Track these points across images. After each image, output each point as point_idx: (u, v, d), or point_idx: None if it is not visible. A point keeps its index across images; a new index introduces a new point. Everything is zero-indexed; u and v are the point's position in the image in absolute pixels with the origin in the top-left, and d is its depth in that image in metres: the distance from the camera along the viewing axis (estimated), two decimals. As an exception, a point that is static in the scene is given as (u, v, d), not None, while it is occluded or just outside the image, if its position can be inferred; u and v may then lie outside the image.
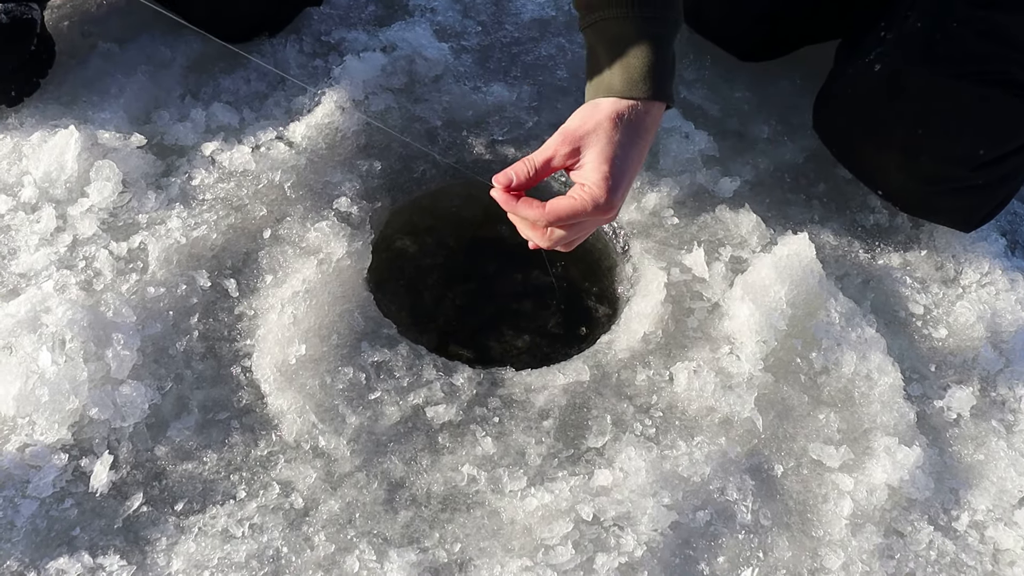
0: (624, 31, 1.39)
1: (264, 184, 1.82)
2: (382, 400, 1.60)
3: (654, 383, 1.65)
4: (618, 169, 1.35)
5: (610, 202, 1.35)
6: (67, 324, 1.53)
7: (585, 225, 1.41)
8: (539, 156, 1.38)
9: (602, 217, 1.38)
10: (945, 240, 1.90)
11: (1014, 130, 1.70)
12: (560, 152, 1.37)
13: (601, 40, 1.41)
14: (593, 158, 1.36)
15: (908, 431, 1.62)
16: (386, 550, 1.45)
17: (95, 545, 1.42)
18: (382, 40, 2.12)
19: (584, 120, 1.38)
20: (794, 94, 2.13)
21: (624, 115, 1.37)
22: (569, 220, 1.36)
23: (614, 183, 1.35)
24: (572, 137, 1.37)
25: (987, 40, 1.64)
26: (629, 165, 1.37)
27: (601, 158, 1.35)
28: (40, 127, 1.85)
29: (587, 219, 1.37)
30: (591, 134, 1.36)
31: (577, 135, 1.37)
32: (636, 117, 1.38)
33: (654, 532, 1.48)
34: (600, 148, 1.36)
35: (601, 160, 1.35)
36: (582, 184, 1.36)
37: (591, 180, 1.35)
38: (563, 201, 1.35)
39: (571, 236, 1.42)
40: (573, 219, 1.36)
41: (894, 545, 1.53)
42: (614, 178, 1.35)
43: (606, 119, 1.36)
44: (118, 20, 2.11)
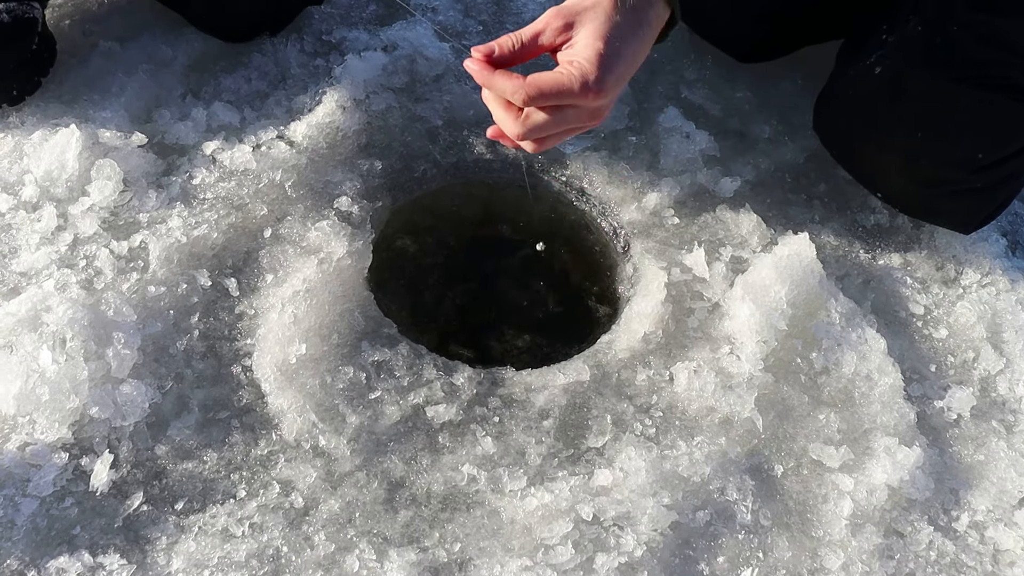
0: None
1: (265, 183, 1.82)
2: (382, 399, 1.60)
3: (654, 383, 1.65)
4: (613, 50, 1.23)
5: (600, 82, 1.22)
6: (68, 323, 1.53)
7: (567, 115, 1.27)
8: (527, 30, 1.27)
9: (588, 103, 1.24)
10: (946, 240, 1.90)
11: (1014, 133, 1.70)
12: (552, 26, 1.26)
13: None
14: (587, 35, 1.24)
15: (908, 431, 1.62)
16: (386, 549, 1.45)
17: (95, 544, 1.42)
18: (383, 39, 2.12)
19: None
20: (795, 94, 2.13)
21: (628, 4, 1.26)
22: (552, 97, 1.23)
23: (606, 62, 1.22)
24: (567, 11, 1.26)
25: (988, 44, 1.64)
26: (625, 50, 1.25)
27: (596, 35, 1.24)
28: (41, 126, 1.85)
29: (572, 102, 1.24)
30: (588, 11, 1.25)
31: (573, 10, 1.26)
32: (639, 7, 1.27)
33: (654, 532, 1.48)
34: (596, 25, 1.24)
35: (595, 37, 1.23)
36: (569, 61, 1.24)
37: (582, 56, 1.23)
38: (548, 74, 1.22)
39: (549, 126, 1.27)
40: (556, 97, 1.23)
41: (894, 545, 1.53)
42: (607, 58, 1.23)
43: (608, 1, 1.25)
44: (119, 19, 2.11)
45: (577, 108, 1.26)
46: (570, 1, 1.28)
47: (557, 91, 1.22)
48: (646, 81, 2.11)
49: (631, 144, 1.98)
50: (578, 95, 1.22)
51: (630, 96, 2.06)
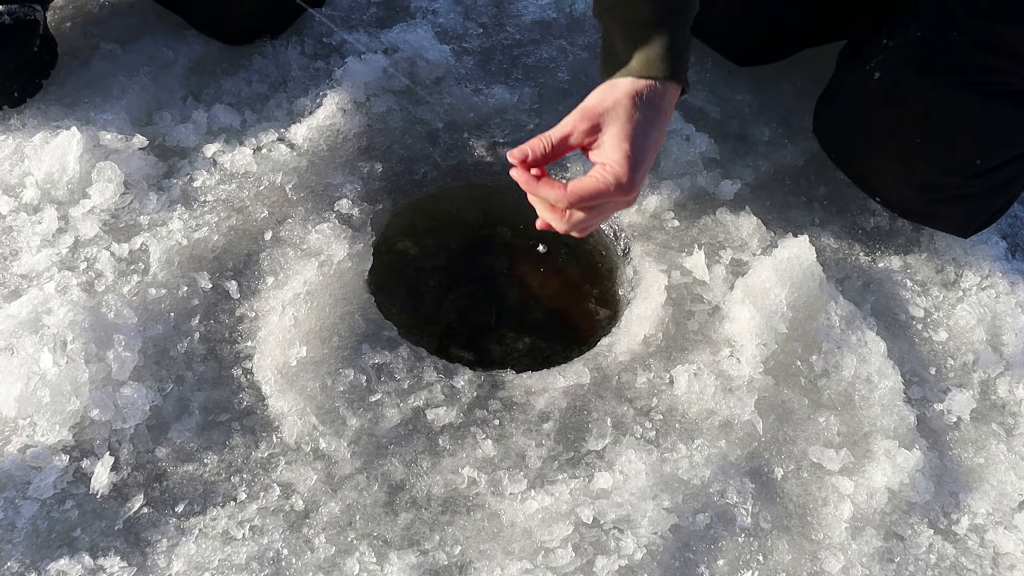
0: (640, 13, 1.39)
1: (265, 186, 1.82)
2: (383, 402, 1.60)
3: (654, 386, 1.65)
4: (639, 148, 1.34)
5: (632, 181, 1.33)
6: (68, 325, 1.53)
7: (605, 208, 1.39)
8: (556, 132, 1.37)
9: (623, 198, 1.36)
10: (945, 243, 1.90)
11: (1013, 139, 1.71)
12: (579, 129, 1.36)
13: (617, 24, 1.41)
14: (613, 136, 1.34)
15: (908, 434, 1.62)
16: (386, 552, 1.45)
17: (96, 546, 1.42)
18: (383, 42, 2.12)
19: (603, 98, 1.36)
20: (795, 97, 2.13)
21: (643, 94, 1.36)
22: (592, 200, 1.34)
23: (635, 162, 1.33)
24: (591, 114, 1.36)
25: (987, 51, 1.65)
26: (649, 144, 1.36)
27: (621, 136, 1.34)
28: (42, 128, 1.85)
29: (608, 200, 1.35)
30: (610, 112, 1.35)
31: (596, 112, 1.35)
32: (654, 97, 1.37)
33: (654, 535, 1.48)
34: (620, 126, 1.34)
35: (621, 138, 1.34)
36: (603, 163, 1.34)
37: (612, 159, 1.33)
38: (586, 181, 1.33)
39: (590, 219, 1.39)
40: (596, 199, 1.34)
41: (894, 548, 1.53)
42: (635, 157, 1.33)
43: (625, 97, 1.35)
44: (120, 21, 2.11)
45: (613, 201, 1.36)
46: (591, 102, 1.36)
47: (595, 195, 1.33)
48: (646, 84, 2.11)
49: (631, 147, 1.98)
50: (613, 195, 1.33)
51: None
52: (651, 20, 1.39)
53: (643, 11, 1.39)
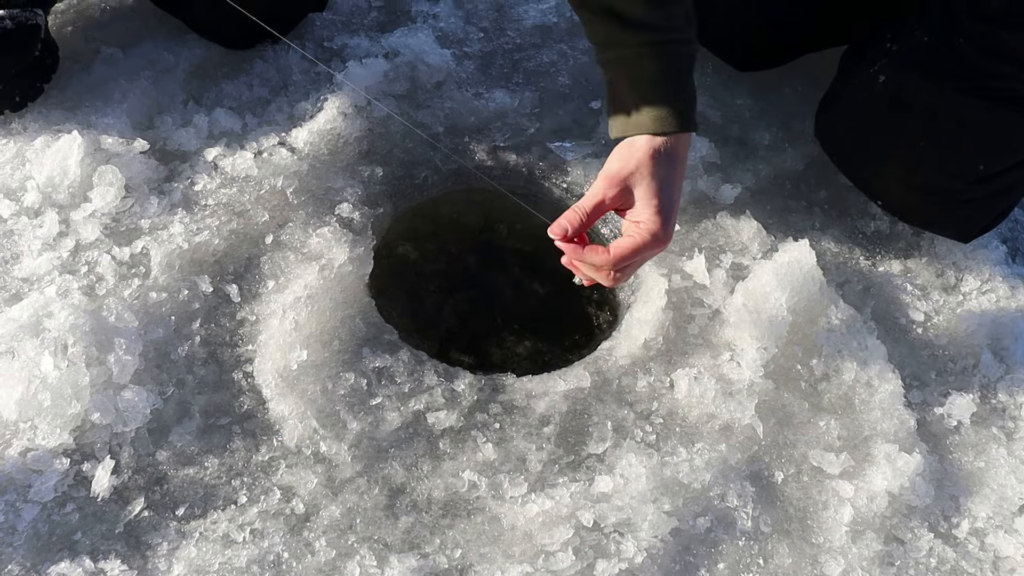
0: (647, 69, 1.45)
1: (266, 190, 1.82)
2: (383, 406, 1.60)
3: (655, 389, 1.65)
4: (666, 201, 1.44)
5: (666, 232, 1.43)
6: (69, 329, 1.53)
7: (644, 258, 1.48)
8: (588, 202, 1.45)
9: (659, 248, 1.45)
10: (946, 247, 1.90)
11: (1014, 145, 1.71)
12: (609, 195, 1.44)
13: (622, 77, 1.48)
14: (642, 196, 1.43)
15: (908, 438, 1.62)
16: (387, 555, 1.45)
17: (96, 550, 1.42)
18: (384, 46, 2.12)
19: (625, 161, 1.44)
20: (795, 101, 2.13)
21: (660, 150, 1.44)
22: (633, 258, 1.44)
23: (665, 215, 1.43)
24: (617, 179, 1.44)
25: (992, 57, 1.65)
26: (674, 195, 1.46)
27: (650, 194, 1.43)
28: (43, 132, 1.85)
29: (649, 252, 1.45)
30: (634, 174, 1.43)
31: (621, 176, 1.44)
32: (671, 150, 1.45)
33: (654, 538, 1.48)
34: (647, 185, 1.43)
35: (650, 196, 1.43)
36: (636, 222, 1.44)
37: (645, 216, 1.43)
38: (625, 242, 1.43)
39: (632, 270, 1.50)
40: (637, 256, 1.44)
41: (894, 552, 1.53)
42: (665, 210, 1.43)
43: (646, 157, 1.43)
44: (121, 25, 2.11)
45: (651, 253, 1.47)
46: (614, 167, 1.45)
47: (635, 252, 1.43)
48: (647, 88, 2.11)
49: (632, 151, 1.98)
50: (651, 248, 1.44)
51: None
52: (657, 78, 1.45)
53: (649, 70, 1.45)
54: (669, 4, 1.45)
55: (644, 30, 1.44)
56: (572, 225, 1.44)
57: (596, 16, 1.48)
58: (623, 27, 1.44)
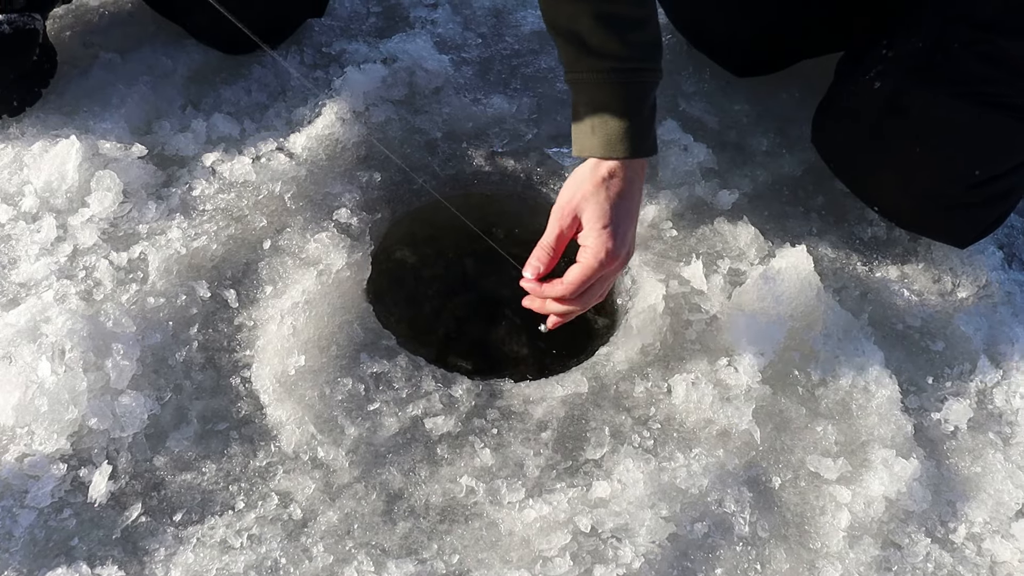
0: (601, 95, 1.51)
1: (264, 195, 1.82)
2: (381, 411, 1.60)
3: (652, 395, 1.66)
4: (614, 222, 1.49)
5: (613, 253, 1.48)
6: (67, 334, 1.53)
7: (605, 277, 1.52)
8: (549, 236, 1.52)
9: (613, 265, 1.50)
10: (942, 253, 1.91)
11: (1011, 151, 1.71)
12: (564, 225, 1.51)
13: (581, 100, 1.54)
14: (588, 220, 1.49)
15: (905, 443, 1.62)
16: (384, 561, 1.45)
17: (93, 555, 1.42)
18: (383, 52, 2.13)
19: (573, 191, 1.51)
20: (793, 107, 2.14)
21: (607, 175, 1.50)
22: (586, 282, 1.49)
23: (613, 233, 1.48)
24: (567, 209, 1.51)
25: (988, 63, 1.66)
26: (624, 216, 1.51)
27: (595, 217, 1.49)
28: (41, 137, 1.86)
29: (601, 273, 1.49)
30: (583, 201, 1.50)
31: (572, 206, 1.50)
32: (619, 173, 1.51)
33: (652, 544, 1.48)
34: (591, 210, 1.49)
35: (596, 219, 1.49)
36: (585, 247, 1.50)
37: (590, 240, 1.49)
38: (575, 271, 1.49)
39: (595, 292, 1.54)
40: (588, 280, 1.49)
41: (891, 557, 1.53)
42: (612, 230, 1.48)
43: (591, 184, 1.50)
44: (120, 30, 2.12)
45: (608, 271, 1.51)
46: (564, 198, 1.52)
47: (586, 278, 1.49)
48: (644, 94, 2.12)
49: (629, 156, 1.98)
50: (602, 268, 1.49)
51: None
52: (612, 105, 1.50)
53: (604, 96, 1.50)
54: (631, 32, 1.50)
55: (603, 58, 1.49)
56: (542, 263, 1.52)
57: (561, 39, 1.54)
58: (585, 53, 1.50)
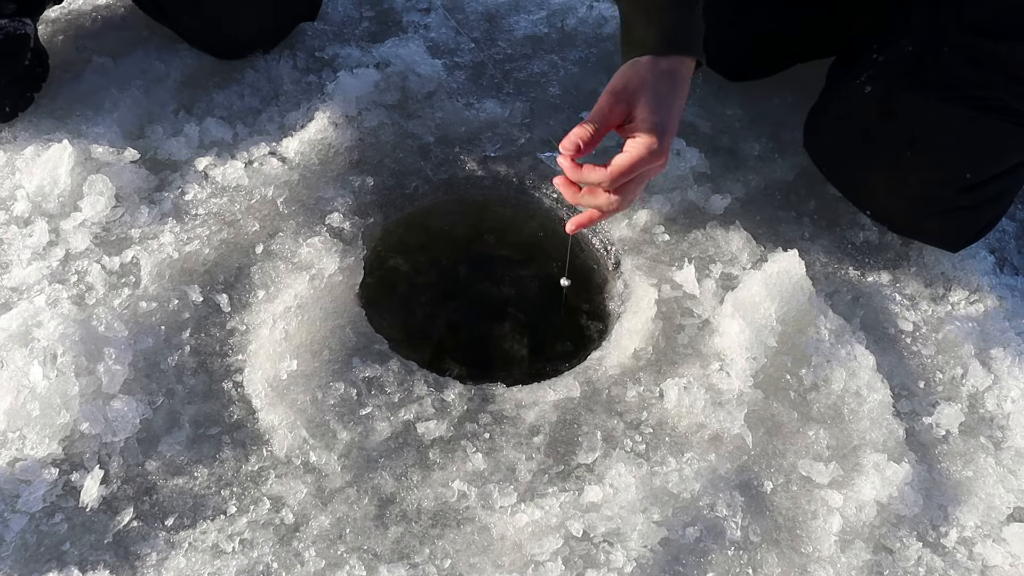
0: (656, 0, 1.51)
1: (257, 199, 1.82)
2: (373, 416, 1.60)
3: (644, 399, 1.66)
4: (665, 117, 1.47)
5: (661, 147, 1.45)
6: (59, 338, 1.53)
7: (643, 177, 1.50)
8: (595, 116, 1.48)
9: (656, 164, 1.47)
10: (934, 257, 1.91)
11: (1002, 154, 1.72)
12: (612, 110, 1.47)
13: (636, 4, 1.53)
14: (641, 110, 1.46)
15: (897, 448, 1.62)
16: (376, 566, 1.45)
17: (85, 560, 1.42)
18: (375, 56, 2.13)
19: (628, 78, 1.48)
20: (785, 111, 2.14)
21: (663, 69, 1.49)
22: (632, 172, 1.46)
23: (662, 129, 1.45)
24: (619, 94, 1.48)
25: (978, 67, 1.66)
26: (673, 113, 1.49)
27: (649, 109, 1.46)
28: (33, 141, 1.86)
29: (648, 166, 1.47)
30: (636, 90, 1.47)
31: (626, 92, 1.47)
32: (674, 70, 1.50)
33: (644, 548, 1.48)
34: (646, 100, 1.46)
35: (649, 111, 1.46)
36: (635, 136, 1.46)
37: (642, 130, 1.45)
38: (623, 157, 1.45)
39: (632, 190, 1.51)
40: (635, 171, 1.46)
41: (883, 561, 1.53)
42: (662, 125, 1.46)
43: (648, 74, 1.48)
44: (113, 35, 2.12)
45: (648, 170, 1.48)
46: (618, 83, 1.49)
47: (632, 167, 1.45)
48: (637, 98, 2.12)
49: (622, 161, 1.98)
50: (648, 163, 1.45)
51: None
52: (665, 4, 1.50)
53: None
54: None
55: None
56: (583, 140, 1.46)
57: None
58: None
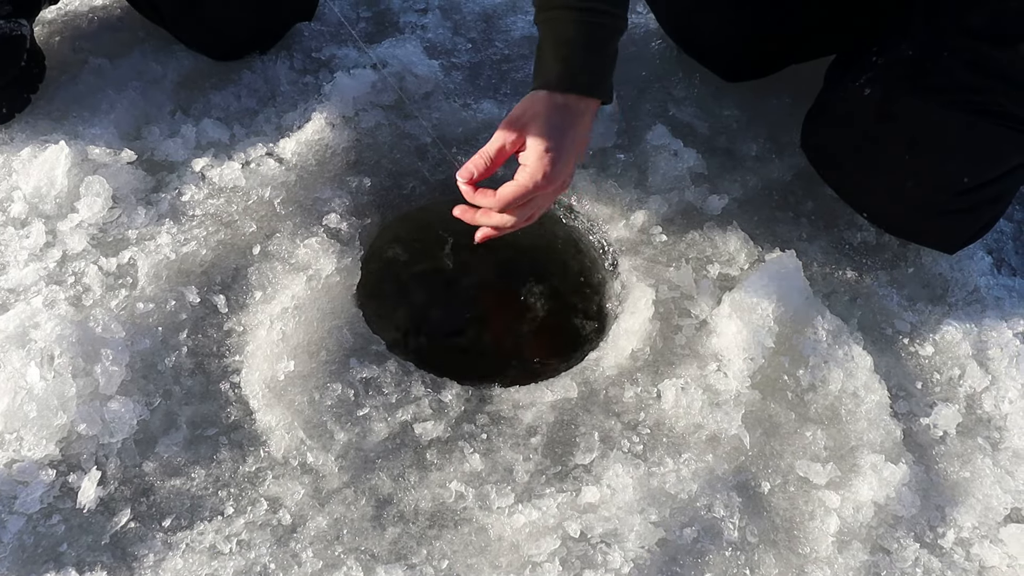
0: (565, 31, 1.55)
1: (254, 200, 1.82)
2: (370, 416, 1.60)
3: (642, 400, 1.66)
4: (555, 146, 1.52)
5: (549, 176, 1.51)
6: (56, 339, 1.53)
7: (537, 200, 1.57)
8: (491, 147, 1.55)
9: (548, 189, 1.54)
10: (931, 258, 1.91)
11: (999, 157, 1.72)
12: (508, 140, 1.54)
13: (547, 37, 1.57)
14: (532, 140, 1.52)
15: (894, 448, 1.62)
16: (373, 567, 1.45)
17: (82, 561, 1.42)
18: (372, 57, 2.13)
19: (524, 110, 1.55)
20: (783, 112, 2.14)
21: (559, 103, 1.53)
22: (517, 200, 1.53)
23: (552, 158, 1.51)
24: (514, 124, 1.54)
25: (977, 72, 1.66)
26: (566, 144, 1.53)
27: (538, 139, 1.52)
28: (30, 142, 1.86)
29: (535, 195, 1.54)
30: (532, 121, 1.53)
31: (520, 123, 1.54)
32: (570, 105, 1.54)
33: (641, 549, 1.48)
34: (537, 130, 1.52)
35: (539, 141, 1.52)
36: (524, 165, 1.53)
37: (530, 160, 1.52)
38: (509, 186, 1.53)
39: (527, 212, 1.58)
40: (520, 198, 1.53)
41: (880, 562, 1.53)
42: (552, 154, 1.51)
43: (542, 107, 1.53)
44: (109, 36, 2.11)
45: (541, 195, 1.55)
46: (515, 114, 1.55)
47: (519, 195, 1.53)
48: (634, 99, 2.12)
49: (619, 162, 1.99)
50: (536, 190, 1.52)
51: (619, 114, 2.07)
52: (574, 42, 1.54)
53: (568, 32, 1.54)
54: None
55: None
56: (477, 169, 1.55)
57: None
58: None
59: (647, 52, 2.24)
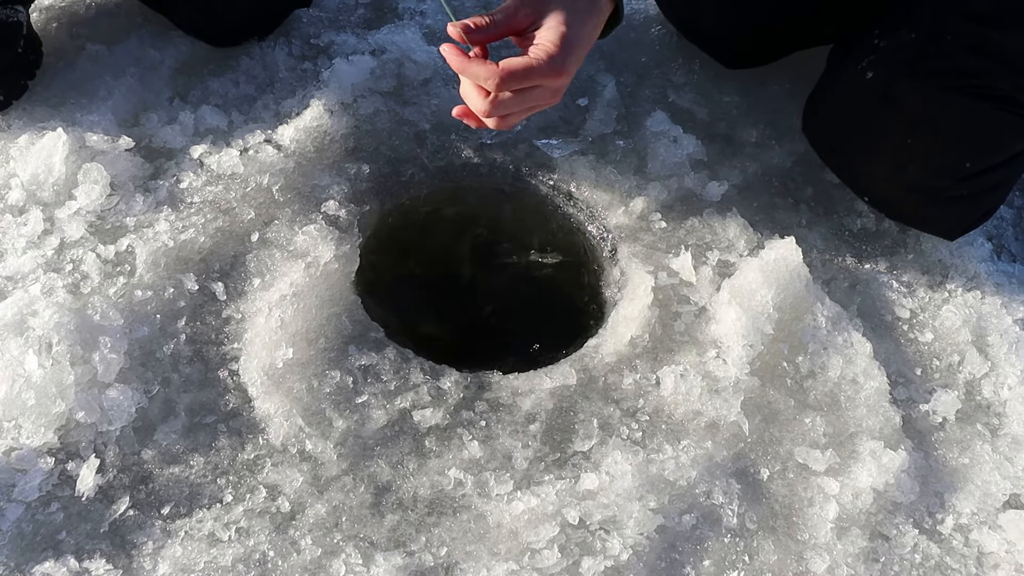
0: None
1: (252, 187, 1.82)
2: (369, 404, 1.60)
3: (641, 387, 1.66)
4: (574, 33, 1.38)
5: (564, 62, 1.36)
6: (54, 327, 1.53)
7: (532, 95, 1.39)
8: (500, 11, 1.40)
9: (552, 82, 1.37)
10: (932, 245, 1.91)
11: (1002, 143, 1.71)
12: (522, 12, 1.39)
13: None
14: (552, 20, 1.37)
15: (894, 435, 1.62)
16: (372, 554, 1.45)
17: (81, 549, 1.42)
18: (371, 43, 2.12)
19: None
20: (783, 98, 2.13)
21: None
22: (521, 79, 1.35)
23: (568, 44, 1.36)
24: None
25: (980, 56, 1.65)
26: (584, 34, 1.40)
27: (560, 20, 1.37)
28: (27, 129, 1.85)
29: (538, 82, 1.37)
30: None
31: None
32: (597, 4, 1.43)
33: (640, 536, 1.48)
34: (561, 8, 1.38)
35: (559, 22, 1.37)
36: (537, 43, 1.37)
37: (547, 38, 1.36)
38: (518, 59, 1.35)
39: (514, 105, 1.40)
40: (525, 78, 1.35)
41: (879, 548, 1.53)
42: (569, 40, 1.37)
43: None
44: (107, 22, 2.11)
45: (541, 88, 1.38)
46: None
47: (526, 73, 1.34)
48: (634, 85, 2.11)
49: (619, 148, 1.98)
50: (545, 74, 1.35)
51: (618, 100, 2.06)
52: None
53: None
54: None
55: None
56: (475, 23, 1.37)
57: None
58: None
59: (647, 38, 2.23)
